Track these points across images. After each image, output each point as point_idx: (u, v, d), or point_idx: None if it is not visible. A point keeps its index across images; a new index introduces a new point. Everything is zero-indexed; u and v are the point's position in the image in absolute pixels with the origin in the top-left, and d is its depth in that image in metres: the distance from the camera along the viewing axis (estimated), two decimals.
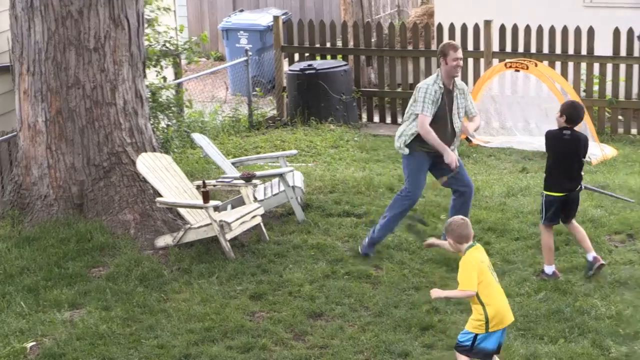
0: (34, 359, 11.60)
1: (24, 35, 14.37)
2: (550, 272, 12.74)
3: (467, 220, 10.57)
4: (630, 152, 17.98)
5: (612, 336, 11.51)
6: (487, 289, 10.30)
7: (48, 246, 13.86)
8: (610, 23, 19.68)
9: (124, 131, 14.60)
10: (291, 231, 14.53)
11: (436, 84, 13.40)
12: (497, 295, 10.31)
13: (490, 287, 10.29)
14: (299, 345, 11.72)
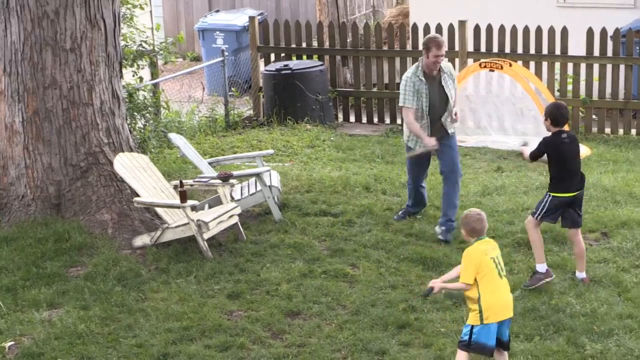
0: (13, 358, 11.59)
1: (0, 35, 14.34)
2: (544, 270, 12.66)
3: (483, 215, 10.64)
4: (604, 151, 18.05)
5: (587, 334, 11.57)
6: (487, 281, 10.38)
7: (26, 246, 13.84)
8: (583, 23, 19.76)
9: (101, 131, 14.58)
10: (268, 230, 14.54)
11: (415, 75, 13.97)
12: (498, 288, 10.38)
13: (491, 280, 10.37)
14: (276, 344, 11.74)
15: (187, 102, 22.94)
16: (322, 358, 11.36)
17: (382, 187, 16.11)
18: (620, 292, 12.46)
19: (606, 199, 15.25)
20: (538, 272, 12.65)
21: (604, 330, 11.62)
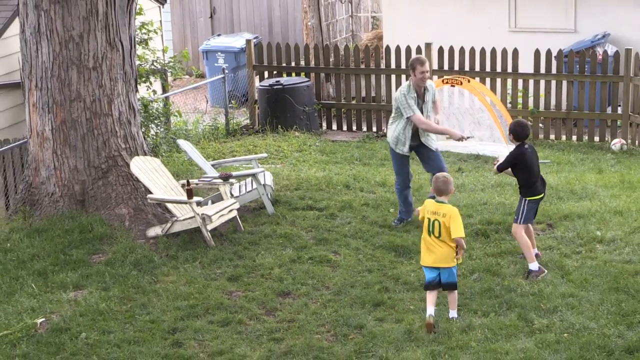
0: (44, 332, 11.56)
1: (33, 56, 14.32)
2: (537, 268, 12.53)
3: (448, 178, 11.45)
4: (549, 155, 18.05)
5: (535, 310, 11.57)
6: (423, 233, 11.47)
7: (55, 236, 13.82)
8: (531, 46, 19.78)
9: (119, 138, 14.56)
10: (262, 222, 14.53)
11: (410, 92, 13.92)
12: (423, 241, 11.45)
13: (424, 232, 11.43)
14: (270, 320, 11.74)
15: (193, 112, 22.91)
16: (309, 332, 11.37)
17: (360, 186, 16.10)
18: (563, 275, 12.46)
19: (551, 195, 15.24)
20: (532, 271, 12.51)
21: (550, 307, 11.63)
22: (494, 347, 10.78)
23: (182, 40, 28.00)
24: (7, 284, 12.74)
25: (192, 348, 11.15)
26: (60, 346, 11.27)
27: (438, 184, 11.35)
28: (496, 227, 14.00)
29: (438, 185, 11.34)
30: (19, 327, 11.64)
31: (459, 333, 11.11)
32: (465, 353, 10.71)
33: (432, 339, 11.03)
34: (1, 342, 11.40)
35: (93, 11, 14.17)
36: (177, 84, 24.95)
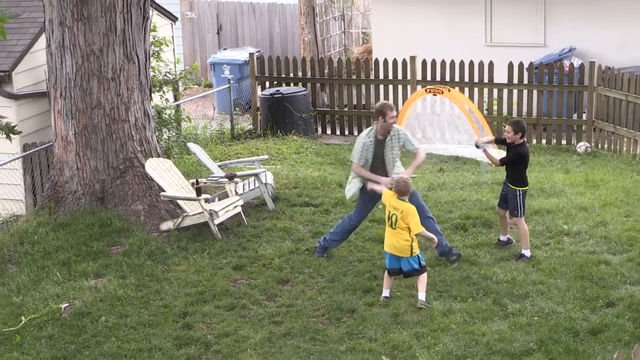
0: (67, 316, 11.57)
1: (57, 68, 14.31)
2: (529, 255, 12.67)
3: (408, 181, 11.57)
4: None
5: (509, 296, 11.60)
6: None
7: (77, 230, 13.83)
8: (506, 59, 19.79)
9: (135, 141, 14.56)
10: (264, 217, 14.53)
11: (367, 136, 12.51)
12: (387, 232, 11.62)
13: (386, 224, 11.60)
14: (270, 305, 11.75)
15: (202, 118, 22.88)
16: (306, 315, 11.38)
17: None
18: (534, 264, 12.48)
19: None
20: (524, 256, 12.67)
21: (522, 293, 11.66)
22: (472, 329, 10.80)
23: (192, 54, 27.98)
24: (34, 273, 12.76)
25: (200, 330, 11.15)
26: (82, 328, 11.29)
27: (399, 187, 11.44)
28: (474, 222, 14.03)
29: (400, 188, 11.45)
30: (45, 312, 11.65)
31: (440, 316, 11.13)
32: (445, 334, 10.73)
33: (416, 322, 11.05)
34: (29, 324, 11.42)
35: (112, 28, 14.18)
36: (187, 93, 24.94)
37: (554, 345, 10.37)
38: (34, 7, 16.87)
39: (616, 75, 18.32)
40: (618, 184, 15.65)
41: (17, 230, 14.05)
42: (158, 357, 10.60)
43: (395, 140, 12.57)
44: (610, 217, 14.02)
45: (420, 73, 19.95)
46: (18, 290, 12.33)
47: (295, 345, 10.71)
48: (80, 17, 14.06)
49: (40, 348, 10.91)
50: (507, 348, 10.38)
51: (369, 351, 10.49)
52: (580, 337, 10.56)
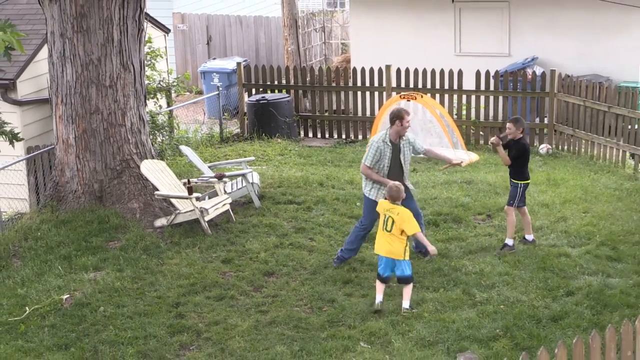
0: (68, 307, 11.55)
1: (59, 76, 14.27)
2: (511, 244, 12.68)
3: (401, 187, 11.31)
4: (488, 157, 18.11)
5: (477, 286, 11.64)
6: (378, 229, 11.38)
7: (77, 226, 13.79)
8: (474, 67, 19.84)
9: (131, 144, 14.53)
10: (251, 214, 14.52)
11: (383, 141, 12.16)
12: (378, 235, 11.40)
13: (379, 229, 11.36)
14: (257, 295, 11.76)
15: (193, 123, 22.87)
16: (290, 305, 11.39)
17: (332, 183, 16.09)
18: (500, 257, 12.52)
19: (490, 191, 15.32)
20: (507, 245, 12.68)
21: (489, 284, 11.70)
22: (443, 317, 10.83)
23: (184, 63, 27.93)
24: (37, 267, 12.72)
25: (192, 319, 11.14)
26: (82, 318, 11.27)
27: (392, 192, 11.23)
28: (445, 218, 14.06)
29: (392, 194, 11.24)
30: (47, 302, 11.62)
31: (414, 305, 11.14)
32: (419, 322, 10.75)
33: (391, 310, 11.07)
34: (33, 314, 11.39)
35: (109, 39, 14.15)
36: (179, 99, 24.89)
37: (518, 331, 10.41)
38: (36, 20, 16.82)
39: (575, 82, 18.39)
40: (577, 183, 15.72)
41: (21, 226, 14.00)
42: (153, 344, 10.58)
43: (407, 144, 12.34)
44: (569, 213, 14.09)
45: (395, 81, 19.97)
46: (22, 282, 12.30)
47: (280, 333, 10.71)
48: (80, 29, 14.02)
49: (43, 336, 10.89)
50: (475, 334, 10.41)
51: (348, 337, 10.50)
52: (543, 324, 10.60)
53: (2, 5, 17.09)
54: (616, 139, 17.29)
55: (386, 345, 10.30)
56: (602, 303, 11.03)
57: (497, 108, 19.48)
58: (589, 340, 7.77)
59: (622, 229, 13.38)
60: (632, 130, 16.92)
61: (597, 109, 17.71)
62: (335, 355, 10.13)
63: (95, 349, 10.54)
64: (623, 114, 17.14)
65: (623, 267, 12.12)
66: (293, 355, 10.17)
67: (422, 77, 19.77)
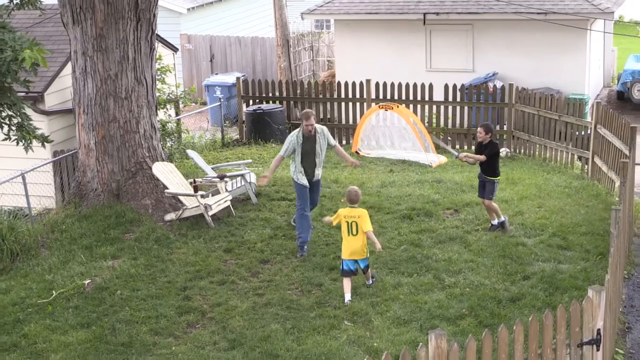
0: (90, 290, 11.53)
1: (81, 89, 14.24)
2: (504, 218, 12.92)
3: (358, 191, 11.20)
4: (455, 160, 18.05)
5: (446, 272, 11.65)
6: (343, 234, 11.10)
7: (98, 220, 13.76)
8: (443, 81, 19.87)
9: (144, 149, 14.51)
10: (249, 210, 14.51)
11: (297, 136, 12.45)
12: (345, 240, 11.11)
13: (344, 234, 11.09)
14: (254, 280, 11.75)
15: (198, 130, 22.84)
16: (283, 289, 11.39)
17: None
18: (466, 246, 12.55)
19: (456, 189, 15.33)
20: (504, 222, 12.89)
21: (456, 270, 11.72)
22: (416, 299, 10.84)
23: (190, 78, 27.88)
24: (62, 255, 12.70)
25: (198, 301, 11.13)
26: (102, 300, 11.24)
27: (351, 195, 11.06)
28: (418, 212, 14.06)
29: (351, 197, 11.07)
30: (71, 287, 11.60)
31: (391, 289, 11.16)
32: (395, 303, 10.77)
33: (371, 293, 11.07)
34: (59, 297, 11.38)
35: (125, 57, 14.12)
36: (186, 109, 24.83)
37: (481, 311, 10.44)
38: (61, 40, 16.76)
39: (530, 94, 18.43)
40: (532, 182, 15.76)
41: (48, 221, 13.97)
42: (163, 323, 10.57)
43: (321, 136, 12.60)
44: (526, 208, 14.12)
45: (374, 93, 19.97)
46: (50, 269, 12.27)
47: (275, 313, 10.71)
48: (99, 48, 13.99)
49: (68, 316, 10.87)
50: (444, 313, 10.43)
51: (334, 317, 10.50)
52: (503, 304, 10.63)
53: (32, 28, 17.03)
54: (565, 143, 17.35)
55: (367, 323, 10.31)
56: (554, 286, 11.07)
57: (463, 117, 19.51)
58: (543, 318, 7.79)
59: (571, 222, 13.42)
60: (579, 136, 16.98)
61: (549, 117, 17.75)
62: (323, 332, 10.14)
63: (113, 327, 10.52)
64: (571, 122, 17.20)
65: (572, 255, 12.16)
66: (286, 332, 10.17)
67: (398, 90, 19.79)
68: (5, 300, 11.44)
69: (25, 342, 10.33)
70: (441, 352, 7.09)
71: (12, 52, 8.75)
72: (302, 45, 27.48)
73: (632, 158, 13.50)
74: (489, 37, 22.11)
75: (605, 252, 11.96)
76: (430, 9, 22.14)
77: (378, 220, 13.70)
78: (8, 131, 10.19)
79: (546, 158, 17.88)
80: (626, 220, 11.97)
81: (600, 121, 15.92)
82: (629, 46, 28.88)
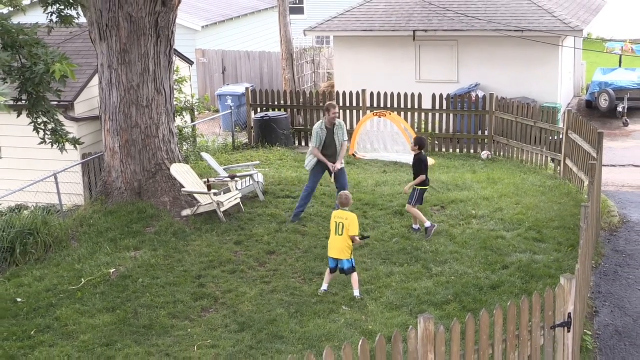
0: (115, 278, 11.53)
1: (107, 98, 14.25)
2: (429, 224, 12.62)
3: (349, 196, 11.03)
4: (442, 162, 18.16)
5: (433, 262, 11.66)
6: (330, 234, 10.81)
7: (121, 216, 13.77)
8: (430, 91, 19.87)
9: (163, 152, 14.50)
10: (257, 206, 14.50)
11: (321, 128, 13.29)
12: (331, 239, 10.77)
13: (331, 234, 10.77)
14: (261, 269, 11.76)
15: (211, 135, 22.82)
16: (287, 277, 11.39)
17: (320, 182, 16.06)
18: (451, 239, 12.55)
19: (443, 188, 15.33)
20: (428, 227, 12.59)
21: (442, 260, 11.72)
22: (407, 286, 10.85)
23: (204, 88, 27.88)
24: (90, 247, 12.71)
25: (211, 288, 11.14)
26: (125, 287, 11.26)
27: (342, 199, 10.86)
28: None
29: (342, 201, 10.85)
30: (98, 275, 11.61)
31: (384, 277, 11.16)
32: (388, 290, 10.77)
33: (367, 281, 11.07)
34: (87, 284, 11.39)
35: (146, 69, 14.12)
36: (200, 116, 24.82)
37: (465, 297, 10.44)
38: (90, 55, 16.77)
39: (508, 103, 18.43)
40: (510, 181, 15.76)
41: (78, 216, 13.98)
42: (180, 308, 10.58)
43: (339, 129, 13.37)
44: (505, 205, 14.12)
45: (369, 102, 19.97)
46: (79, 259, 12.29)
47: (280, 299, 10.72)
48: (124, 62, 14.00)
49: (95, 301, 10.88)
50: (432, 299, 10.44)
51: (333, 302, 10.51)
52: (484, 291, 10.63)
53: (64, 44, 17.05)
54: (540, 147, 17.34)
55: (363, 308, 10.32)
56: (529, 274, 11.08)
57: (449, 123, 19.50)
58: (520, 303, 7.80)
59: (545, 217, 13.43)
60: (553, 140, 16.99)
61: (525, 123, 17.75)
62: (323, 316, 10.14)
63: (136, 311, 10.53)
64: (546, 127, 17.20)
65: (546, 247, 12.16)
66: (290, 316, 10.18)
67: (391, 99, 19.78)
68: (40, 287, 11.46)
69: (58, 324, 10.35)
70: (429, 333, 7.11)
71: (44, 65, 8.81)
72: (304, 59, 27.47)
73: (600, 160, 13.51)
74: (472, 52, 22.11)
75: (575, 244, 11.97)
76: (419, 27, 22.14)
77: (373, 215, 13.70)
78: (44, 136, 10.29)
79: (523, 160, 17.88)
80: (594, 215, 11.98)
81: (571, 127, 15.93)
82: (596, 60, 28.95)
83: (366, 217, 13.49)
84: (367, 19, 23.04)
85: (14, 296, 11.22)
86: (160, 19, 14.09)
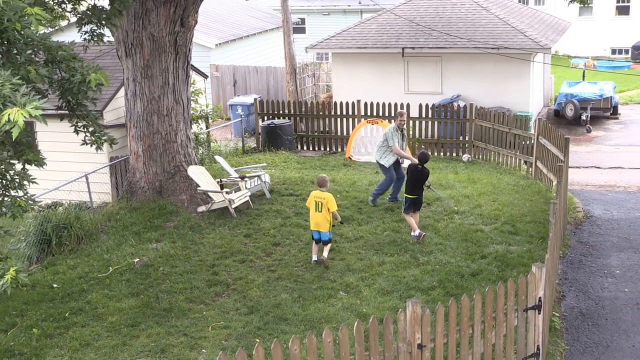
0: (138, 267, 11.52)
1: (131, 108, 14.23)
2: (417, 234, 12.13)
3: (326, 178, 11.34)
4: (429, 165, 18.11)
5: (420, 252, 11.64)
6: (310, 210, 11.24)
7: (144, 212, 13.75)
8: (418, 101, 19.85)
9: (181, 155, 14.48)
10: (264, 203, 14.48)
11: (395, 130, 13.71)
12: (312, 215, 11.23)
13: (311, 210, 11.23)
14: (268, 259, 11.74)
15: (224, 140, 22.80)
16: (291, 266, 11.38)
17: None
18: (436, 232, 12.53)
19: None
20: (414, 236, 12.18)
21: (428, 251, 11.71)
22: (397, 274, 10.84)
23: (217, 99, 27.85)
24: (117, 239, 12.69)
25: (223, 275, 11.13)
26: (148, 275, 11.25)
27: (319, 180, 11.34)
28: (398, 205, 14.03)
29: (319, 182, 11.33)
30: (124, 264, 11.60)
31: (377, 266, 11.15)
32: (380, 277, 10.76)
33: (361, 269, 11.06)
34: (114, 272, 11.38)
35: (166, 82, 14.11)
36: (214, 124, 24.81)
37: (448, 284, 10.44)
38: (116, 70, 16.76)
39: (486, 112, 18.42)
40: (488, 181, 15.75)
41: (106, 212, 13.97)
42: (196, 293, 10.58)
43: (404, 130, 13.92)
44: (483, 202, 14.11)
45: (363, 111, 19.95)
46: (107, 250, 12.27)
47: (284, 285, 10.71)
48: (146, 75, 13.98)
49: (121, 287, 10.87)
50: (419, 285, 10.43)
51: (332, 288, 10.50)
52: (465, 278, 10.63)
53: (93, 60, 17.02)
54: (514, 150, 17.34)
55: (357, 293, 10.31)
56: (505, 263, 11.08)
57: (434, 130, 19.48)
58: (497, 289, 7.80)
59: (519, 213, 13.42)
60: (525, 144, 16.98)
61: (501, 130, 17.74)
62: (322, 300, 10.14)
63: (157, 296, 10.53)
64: (519, 133, 17.19)
65: (519, 239, 12.16)
66: (293, 300, 10.17)
67: (382, 108, 19.77)
68: (73, 274, 11.45)
69: (89, 307, 10.35)
70: (416, 316, 7.10)
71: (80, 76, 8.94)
72: (306, 73, 27.45)
73: (566, 162, 13.51)
74: (454, 67, 22.09)
75: (545, 236, 11.96)
76: (407, 44, 22.13)
77: (367, 211, 13.69)
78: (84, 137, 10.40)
79: (499, 162, 17.87)
80: (561, 211, 11.98)
81: (541, 133, 15.92)
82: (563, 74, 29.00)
83: (361, 213, 13.48)
84: (361, 37, 23.03)
85: (50, 282, 11.22)
86: (178, 38, 14.08)
